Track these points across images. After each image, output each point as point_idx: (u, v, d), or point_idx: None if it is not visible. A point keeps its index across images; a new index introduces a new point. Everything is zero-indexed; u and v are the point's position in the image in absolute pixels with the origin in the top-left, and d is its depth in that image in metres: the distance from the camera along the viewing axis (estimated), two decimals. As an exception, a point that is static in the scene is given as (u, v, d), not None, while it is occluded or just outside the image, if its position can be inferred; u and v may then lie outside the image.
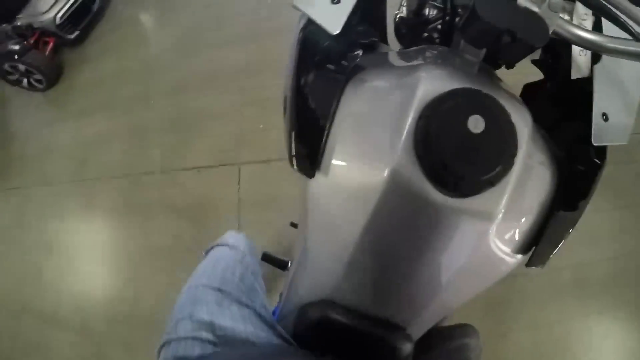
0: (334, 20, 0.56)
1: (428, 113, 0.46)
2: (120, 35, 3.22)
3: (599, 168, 0.59)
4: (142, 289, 1.93)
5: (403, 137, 0.46)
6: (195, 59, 2.61)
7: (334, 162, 0.52)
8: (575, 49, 0.59)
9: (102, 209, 2.25)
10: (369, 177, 0.48)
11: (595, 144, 0.57)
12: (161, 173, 2.24)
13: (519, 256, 0.53)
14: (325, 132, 0.55)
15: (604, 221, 1.85)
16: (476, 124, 0.45)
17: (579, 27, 0.50)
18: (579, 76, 0.63)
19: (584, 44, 0.51)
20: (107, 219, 2.22)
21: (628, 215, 1.90)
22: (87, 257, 2.15)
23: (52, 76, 2.98)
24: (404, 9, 0.69)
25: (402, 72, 0.53)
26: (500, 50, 0.48)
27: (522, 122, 0.48)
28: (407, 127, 0.46)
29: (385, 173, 0.47)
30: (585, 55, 0.63)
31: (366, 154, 0.50)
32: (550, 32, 0.47)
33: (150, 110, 2.48)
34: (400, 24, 0.76)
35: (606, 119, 0.59)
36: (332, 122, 0.55)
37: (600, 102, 0.59)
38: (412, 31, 0.75)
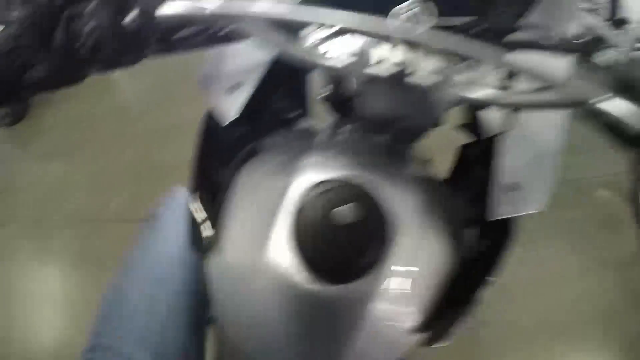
0: (231, 108, 0.62)
1: (300, 205, 0.48)
2: (89, 80, 3.12)
3: (504, 242, 0.59)
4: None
5: (279, 228, 0.48)
6: (163, 109, 2.60)
7: (223, 245, 0.55)
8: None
9: (57, 255, 2.21)
10: (251, 265, 0.50)
11: (499, 217, 0.58)
12: (123, 222, 2.19)
13: (415, 336, 0.53)
14: (219, 215, 0.58)
15: (565, 264, 1.98)
16: (345, 215, 0.46)
17: (482, 87, 0.50)
18: (488, 136, 0.63)
19: (485, 103, 0.53)
20: (62, 265, 2.18)
21: (587, 258, 2.03)
22: (39, 304, 2.09)
23: (19, 112, 2.91)
24: (328, 87, 0.72)
25: (289, 158, 0.54)
26: (395, 133, 0.49)
27: (401, 208, 0.48)
28: (282, 218, 0.48)
29: (264, 263, 0.48)
30: (494, 113, 0.62)
31: (249, 241, 0.52)
32: (445, 108, 0.49)
33: (115, 157, 2.48)
34: (324, 100, 0.79)
35: (515, 188, 0.59)
36: (225, 206, 0.58)
37: (507, 169, 0.59)
38: (336, 106, 0.78)
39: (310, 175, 0.50)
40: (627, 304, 2.02)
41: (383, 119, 0.48)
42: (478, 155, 0.63)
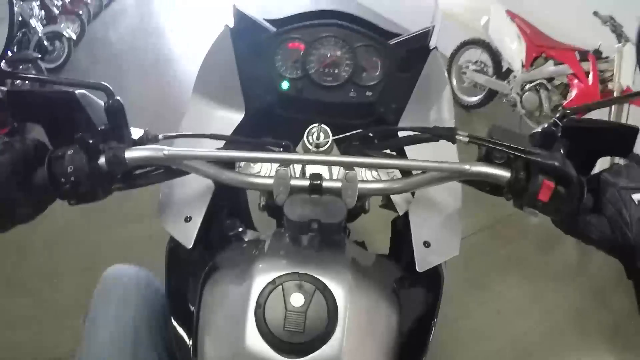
0: (187, 236, 0.74)
1: (261, 300, 0.59)
2: None
3: (437, 289, 0.74)
4: None
5: (249, 323, 0.58)
6: (105, 232, 2.49)
7: (204, 348, 0.66)
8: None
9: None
10: (232, 358, 0.62)
11: (420, 271, 0.71)
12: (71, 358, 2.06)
13: None
14: (194, 330, 0.70)
15: (522, 291, 2.30)
16: (296, 300, 0.59)
17: (376, 180, 0.70)
18: (401, 213, 0.81)
19: (385, 192, 0.70)
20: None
21: (538, 280, 2.37)
22: None
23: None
24: (263, 199, 0.83)
25: (245, 267, 0.66)
26: (320, 230, 0.60)
27: (341, 289, 0.60)
28: (250, 314, 0.59)
29: (242, 355, 0.58)
30: (400, 196, 0.80)
31: (226, 340, 0.64)
32: (351, 205, 0.62)
33: (57, 290, 2.26)
34: (262, 210, 0.93)
35: (428, 246, 0.74)
36: (197, 319, 0.70)
37: (418, 232, 0.75)
38: (274, 213, 0.96)
39: (265, 277, 0.61)
40: (591, 304, 2.29)
41: (308, 221, 0.59)
42: (405, 225, 0.78)
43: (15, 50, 5.18)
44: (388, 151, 0.80)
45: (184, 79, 5.15)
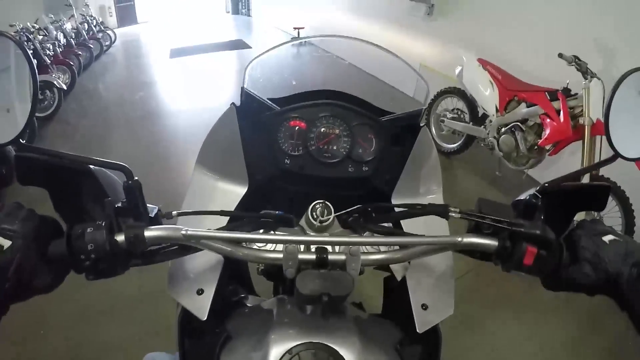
0: (201, 308, 0.76)
1: None
2: None
3: (437, 345, 0.79)
4: None
5: None
6: (91, 288, 2.40)
7: None
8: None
9: None
10: None
11: (420, 332, 0.76)
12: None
13: None
14: None
15: (514, 330, 2.34)
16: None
17: (377, 252, 0.73)
18: (399, 278, 0.87)
19: (386, 263, 0.75)
20: None
21: (528, 318, 2.40)
22: None
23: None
24: (262, 265, 0.94)
25: (260, 337, 0.70)
26: (327, 301, 0.64)
27: (352, 354, 0.66)
28: None
29: None
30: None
31: None
32: (355, 276, 0.67)
33: (45, 342, 2.26)
34: (261, 274, 1.06)
35: (425, 308, 0.79)
36: None
37: (416, 296, 0.80)
38: (272, 277, 1.08)
39: (281, 347, 0.66)
40: (586, 330, 2.35)
41: (316, 294, 0.63)
42: (399, 285, 0.84)
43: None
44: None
45: (171, 137, 5.22)
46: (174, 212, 0.75)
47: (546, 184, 0.70)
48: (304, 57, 4.64)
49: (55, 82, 5.94)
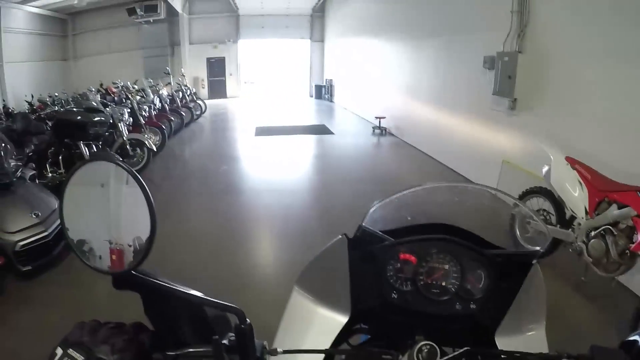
0: None
1: None
2: (66, 291, 3.20)
3: None
4: None
5: None
6: None
7: None
8: None
9: None
10: None
11: None
12: None
13: None
14: None
15: None
16: None
17: None
18: None
19: None
20: None
21: None
22: None
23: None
24: None
25: None
26: None
27: None
28: None
29: None
30: None
31: None
32: None
33: None
34: None
35: None
36: None
37: None
38: None
39: None
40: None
41: None
42: None
43: (100, 146, 5.71)
44: None
45: (245, 216, 5.28)
46: (280, 349, 0.77)
47: None
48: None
49: (146, 142, 6.46)
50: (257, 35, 18.97)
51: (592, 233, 3.17)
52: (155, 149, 6.81)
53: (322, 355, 0.83)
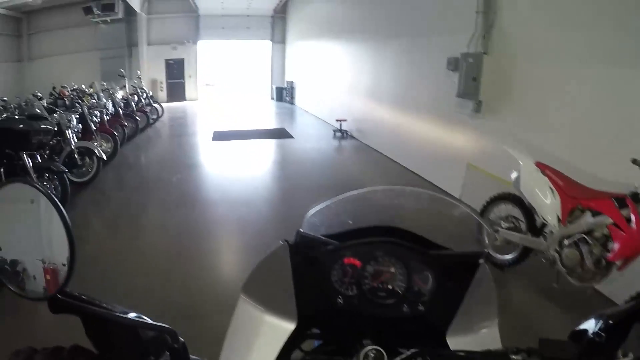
0: None
1: None
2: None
3: None
4: None
5: None
6: None
7: None
8: None
9: None
10: None
11: None
12: None
13: None
14: None
15: None
16: None
17: None
18: None
19: None
20: None
21: None
22: None
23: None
24: None
25: None
26: None
27: None
28: None
29: None
30: None
31: None
32: None
33: None
34: None
35: None
36: None
37: None
38: None
39: None
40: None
41: None
42: None
43: (45, 156, 5.25)
44: None
45: (201, 230, 4.92)
46: None
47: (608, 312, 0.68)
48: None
49: (96, 150, 6.06)
50: (217, 36, 18.49)
51: (566, 242, 3.05)
52: (105, 158, 6.40)
53: (272, 356, 0.84)
